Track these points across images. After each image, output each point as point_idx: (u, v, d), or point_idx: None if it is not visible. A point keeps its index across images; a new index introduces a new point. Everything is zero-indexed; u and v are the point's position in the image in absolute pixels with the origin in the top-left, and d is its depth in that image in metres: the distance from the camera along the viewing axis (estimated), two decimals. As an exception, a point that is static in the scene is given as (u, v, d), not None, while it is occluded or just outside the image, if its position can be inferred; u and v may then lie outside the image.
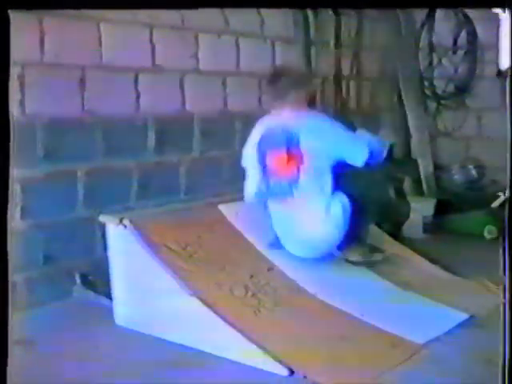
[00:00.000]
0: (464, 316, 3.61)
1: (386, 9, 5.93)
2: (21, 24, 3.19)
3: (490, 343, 2.91)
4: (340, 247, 4.03)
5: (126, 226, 3.59)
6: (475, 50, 6.45)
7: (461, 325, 3.52)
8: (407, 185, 5.86)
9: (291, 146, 3.85)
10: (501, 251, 2.23)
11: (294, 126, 3.87)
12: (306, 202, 3.89)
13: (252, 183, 4.14)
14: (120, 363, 3.14)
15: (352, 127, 5.83)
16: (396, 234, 5.05)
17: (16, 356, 2.13)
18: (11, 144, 2.07)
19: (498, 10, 5.92)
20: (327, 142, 3.87)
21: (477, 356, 3.13)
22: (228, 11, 4.78)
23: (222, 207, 4.14)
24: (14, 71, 3.62)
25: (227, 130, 4.97)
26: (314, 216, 3.89)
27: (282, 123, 3.93)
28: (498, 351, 2.23)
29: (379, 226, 4.71)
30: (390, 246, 4.54)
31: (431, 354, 3.19)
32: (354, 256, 4.07)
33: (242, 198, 4.23)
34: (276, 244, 4.03)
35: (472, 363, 3.08)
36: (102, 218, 3.74)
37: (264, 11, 5.09)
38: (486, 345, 3.10)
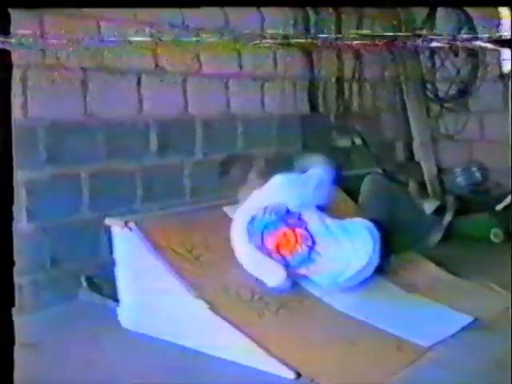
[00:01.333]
0: (469, 319, 3.59)
1: (387, 8, 5.92)
2: (22, 24, 3.18)
3: (496, 346, 2.92)
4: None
5: (131, 229, 3.57)
6: (477, 51, 6.43)
7: (466, 327, 3.51)
8: (412, 188, 5.84)
9: (289, 220, 3.64)
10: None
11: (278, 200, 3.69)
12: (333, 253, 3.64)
13: (269, 274, 3.65)
14: (126, 366, 3.13)
15: (354, 131, 5.92)
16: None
17: (22, 359, 2.13)
18: (14, 147, 2.06)
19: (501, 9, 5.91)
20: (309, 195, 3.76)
21: (483, 359, 3.11)
22: (230, 13, 4.76)
23: (227, 209, 4.12)
24: (17, 73, 3.62)
25: (229, 133, 4.96)
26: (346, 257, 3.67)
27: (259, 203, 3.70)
28: (504, 354, 2.22)
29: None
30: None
31: (437, 356, 3.17)
32: None
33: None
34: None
35: (479, 366, 3.06)
36: (107, 221, 3.73)
37: (266, 12, 5.08)
38: (493, 347, 3.10)
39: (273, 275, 3.55)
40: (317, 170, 3.93)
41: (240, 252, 3.60)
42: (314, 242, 3.57)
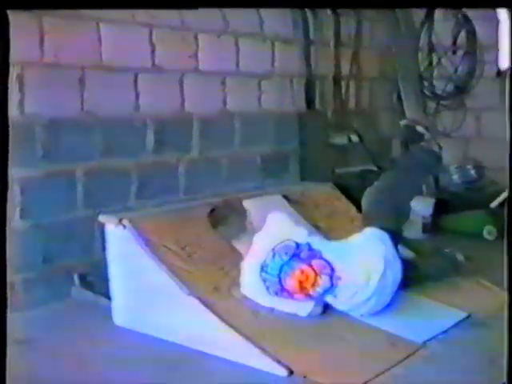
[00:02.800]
0: (462, 315, 3.62)
1: (386, 8, 5.93)
2: (20, 24, 3.19)
3: (490, 342, 2.93)
4: None
5: (125, 226, 3.59)
6: (475, 50, 6.45)
7: (460, 324, 3.53)
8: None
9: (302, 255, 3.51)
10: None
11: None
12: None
13: (297, 309, 3.52)
14: (119, 363, 3.13)
15: (351, 129, 5.91)
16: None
17: (14, 356, 2.14)
18: (10, 144, 2.07)
19: (498, 10, 5.93)
20: None
21: (477, 355, 3.14)
22: (227, 11, 4.77)
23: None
24: (14, 71, 3.62)
25: (226, 130, 4.97)
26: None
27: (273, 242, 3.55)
28: (498, 350, 2.23)
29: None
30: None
31: (431, 353, 3.20)
32: None
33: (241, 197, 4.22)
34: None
35: (472, 362, 3.09)
36: (101, 218, 3.74)
37: (263, 11, 5.09)
38: (486, 344, 3.12)
39: (302, 309, 3.47)
40: None
41: (261, 304, 3.48)
42: (332, 269, 3.44)
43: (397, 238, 3.77)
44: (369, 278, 3.46)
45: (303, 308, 3.47)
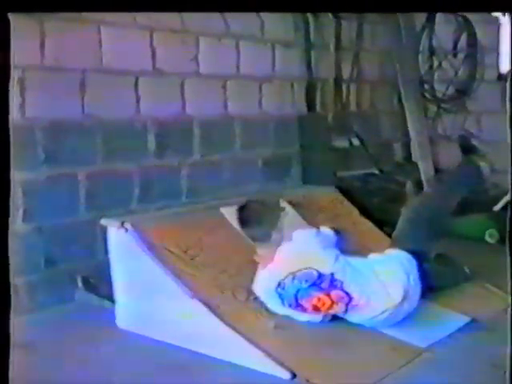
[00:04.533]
0: (465, 319, 3.61)
1: (386, 12, 5.93)
2: (21, 27, 3.19)
3: (494, 347, 2.91)
4: None
5: (127, 230, 3.58)
6: (475, 53, 6.45)
7: (463, 328, 3.52)
8: (409, 188, 5.85)
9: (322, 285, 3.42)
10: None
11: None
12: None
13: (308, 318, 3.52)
14: (122, 366, 3.14)
15: (352, 132, 5.90)
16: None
17: (18, 360, 2.13)
18: (12, 147, 2.06)
19: (498, 14, 5.94)
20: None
21: (480, 359, 3.13)
22: (228, 15, 4.77)
23: (223, 210, 4.13)
24: (15, 74, 3.62)
25: (227, 134, 4.97)
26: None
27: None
28: (502, 355, 2.22)
29: (381, 228, 4.72)
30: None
31: (435, 357, 3.19)
32: None
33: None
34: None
35: (475, 367, 3.08)
36: (103, 222, 3.74)
37: (264, 15, 5.09)
38: (490, 348, 3.10)
39: (314, 319, 3.48)
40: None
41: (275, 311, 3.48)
42: (350, 299, 3.39)
43: (425, 256, 3.69)
44: (385, 308, 3.42)
45: (315, 318, 3.47)
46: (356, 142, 5.91)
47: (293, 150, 5.49)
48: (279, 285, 3.41)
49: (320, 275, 3.41)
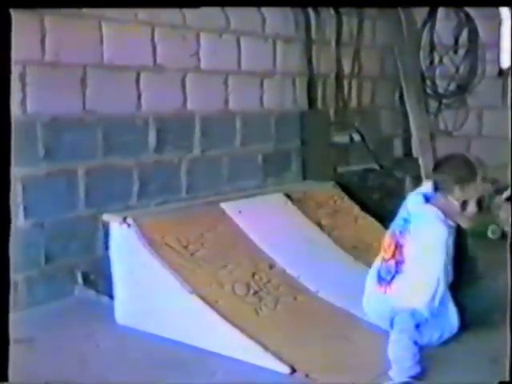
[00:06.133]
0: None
1: (388, 8, 5.93)
2: (22, 23, 3.19)
3: (493, 343, 2.92)
4: None
5: (129, 225, 3.59)
6: (476, 48, 6.44)
7: (462, 323, 3.51)
8: (408, 184, 5.85)
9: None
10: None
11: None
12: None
13: None
14: (121, 361, 3.15)
15: (353, 128, 5.90)
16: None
17: (17, 355, 2.13)
18: (12, 143, 2.06)
19: (501, 9, 5.92)
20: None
21: (480, 355, 3.13)
22: (229, 10, 4.77)
23: (224, 205, 4.14)
24: (16, 70, 3.63)
25: (228, 129, 4.97)
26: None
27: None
28: (501, 350, 2.22)
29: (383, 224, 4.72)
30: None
31: (434, 353, 3.19)
32: None
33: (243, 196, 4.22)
34: None
35: (475, 362, 3.08)
36: (105, 217, 3.75)
37: (265, 10, 5.09)
38: (488, 343, 3.11)
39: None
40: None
41: None
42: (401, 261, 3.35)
43: None
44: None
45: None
46: (357, 137, 5.91)
47: (293, 146, 5.49)
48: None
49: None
